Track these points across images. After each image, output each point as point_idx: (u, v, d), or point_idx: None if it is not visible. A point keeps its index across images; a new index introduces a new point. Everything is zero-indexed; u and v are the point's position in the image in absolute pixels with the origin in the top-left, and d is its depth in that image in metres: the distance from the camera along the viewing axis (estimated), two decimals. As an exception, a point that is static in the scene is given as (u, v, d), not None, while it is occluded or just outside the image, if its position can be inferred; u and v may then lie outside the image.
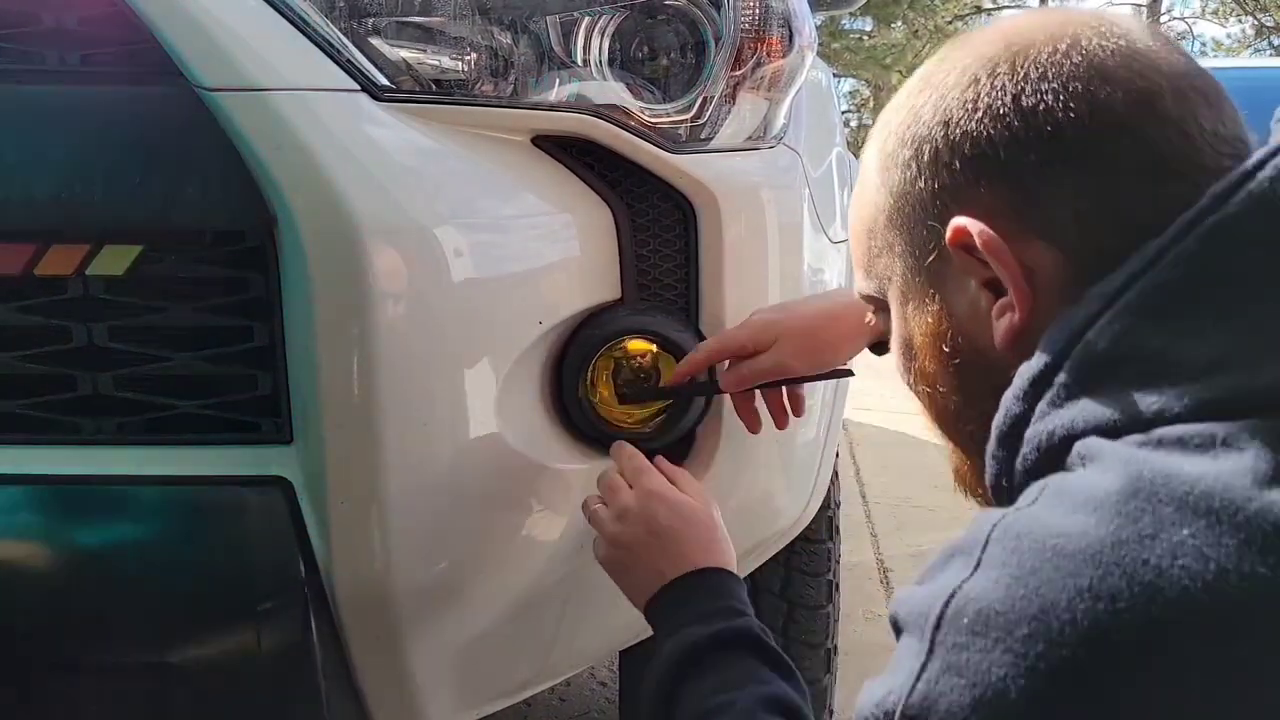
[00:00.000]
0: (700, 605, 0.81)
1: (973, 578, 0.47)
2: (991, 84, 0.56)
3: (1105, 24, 0.56)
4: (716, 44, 0.95)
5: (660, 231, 0.97)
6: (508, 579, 0.95)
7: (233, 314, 0.87)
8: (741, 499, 1.06)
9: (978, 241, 0.55)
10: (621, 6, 0.93)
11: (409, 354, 0.84)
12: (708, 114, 0.96)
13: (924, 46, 19.27)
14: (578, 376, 0.95)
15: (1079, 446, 0.50)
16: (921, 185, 0.59)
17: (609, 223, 0.94)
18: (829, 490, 1.33)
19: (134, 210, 0.83)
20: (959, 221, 0.56)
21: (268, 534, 0.86)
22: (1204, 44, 20.39)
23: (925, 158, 0.59)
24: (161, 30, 0.80)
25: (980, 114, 0.56)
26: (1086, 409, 0.50)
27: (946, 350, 0.61)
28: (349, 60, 0.84)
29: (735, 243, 0.98)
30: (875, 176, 0.64)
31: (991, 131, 0.56)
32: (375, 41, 0.87)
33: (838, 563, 1.46)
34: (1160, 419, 0.48)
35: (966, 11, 20.07)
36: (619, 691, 1.48)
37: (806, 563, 1.40)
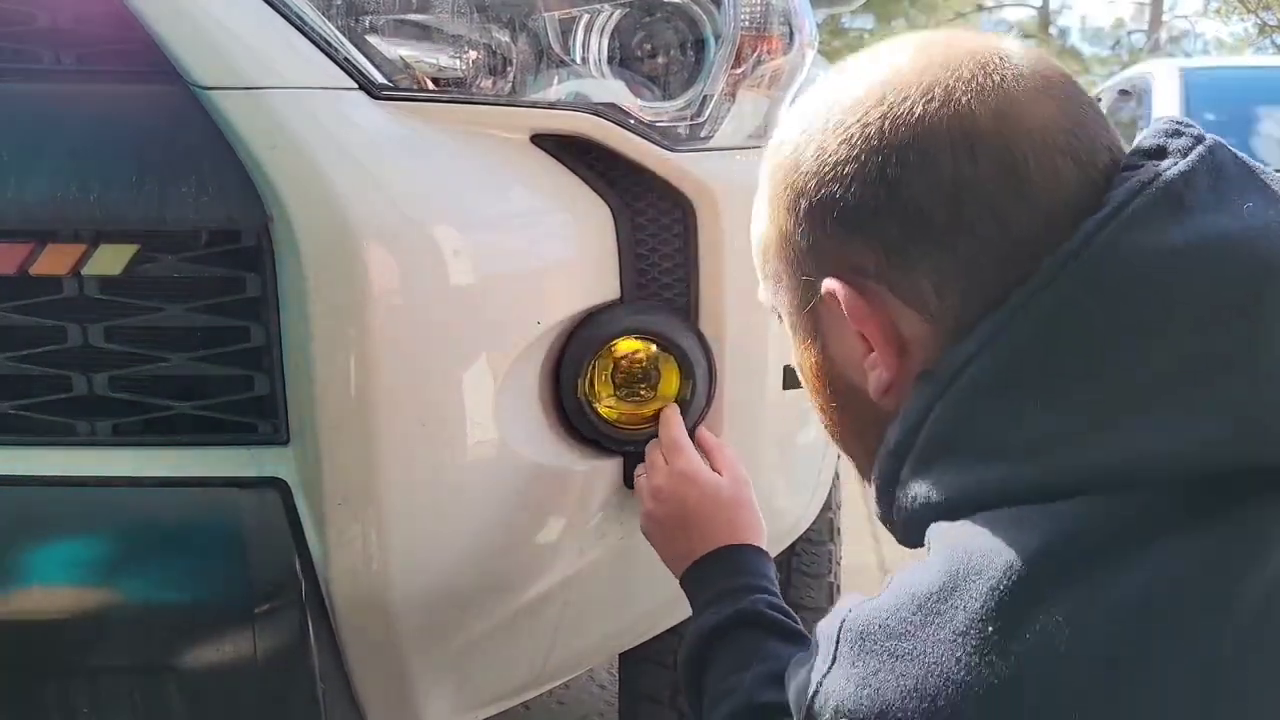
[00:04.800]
0: (719, 584, 0.86)
1: (829, 674, 0.52)
2: (864, 146, 0.56)
3: (983, 73, 0.56)
4: (716, 41, 0.95)
5: (659, 230, 0.96)
6: (506, 580, 0.95)
7: (229, 314, 0.86)
8: (742, 500, 1.05)
9: (843, 309, 0.58)
10: (620, 4, 0.92)
11: (406, 354, 0.83)
12: (708, 112, 0.96)
13: (925, 45, 19.28)
14: (576, 376, 0.95)
15: (928, 533, 0.54)
16: (799, 237, 0.60)
17: (608, 222, 0.94)
18: (830, 492, 1.33)
19: (130, 209, 0.82)
20: (829, 283, 0.58)
21: (264, 536, 0.85)
22: (1206, 42, 20.39)
23: (802, 210, 0.60)
24: (157, 29, 0.80)
25: (849, 179, 0.57)
26: (935, 483, 0.54)
27: (830, 390, 0.64)
28: (346, 58, 0.84)
29: (735, 241, 0.97)
30: (764, 205, 0.65)
31: (858, 198, 0.56)
32: (373, 39, 0.86)
33: (839, 564, 1.46)
34: (998, 496, 0.51)
35: (968, 9, 20.09)
36: (619, 694, 1.47)
37: (808, 564, 1.40)
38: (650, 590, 1.05)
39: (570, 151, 0.93)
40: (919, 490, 0.55)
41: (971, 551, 0.49)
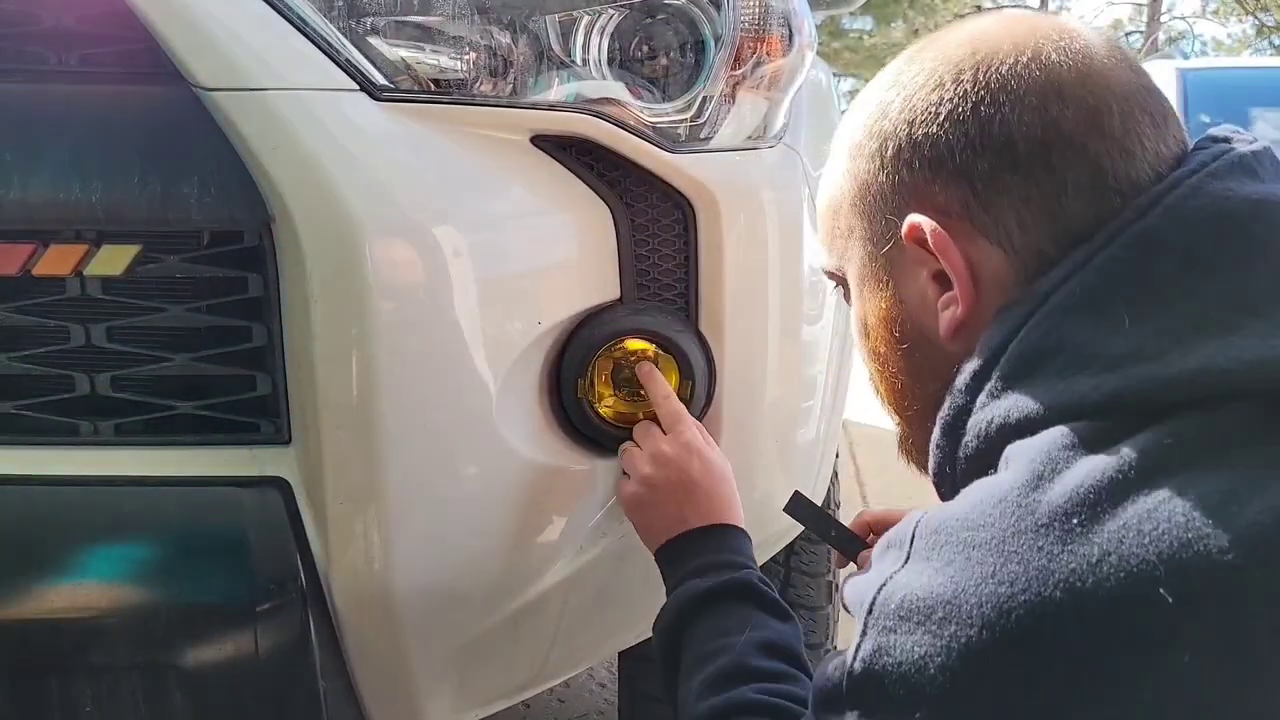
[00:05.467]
0: (709, 556, 0.87)
1: (902, 570, 0.53)
2: (955, 90, 0.60)
3: (1067, 38, 0.60)
4: (716, 43, 0.95)
5: (659, 231, 0.97)
6: (506, 580, 0.95)
7: (231, 314, 0.87)
8: (742, 499, 1.05)
9: (929, 239, 0.60)
10: (620, 5, 0.93)
11: (407, 354, 0.84)
12: (707, 113, 0.96)
13: (924, 46, 19.26)
14: (576, 377, 0.95)
15: (1006, 451, 0.54)
16: (883, 179, 0.63)
17: (608, 222, 0.94)
18: (829, 490, 1.33)
19: (132, 210, 0.82)
20: (914, 218, 0.61)
21: (266, 535, 0.85)
22: (1204, 43, 20.39)
23: (889, 153, 0.63)
24: (160, 30, 0.80)
25: (941, 119, 0.60)
26: (1018, 400, 0.55)
27: (896, 334, 0.65)
28: (347, 60, 0.84)
29: (735, 243, 0.98)
30: (843, 162, 0.67)
31: (950, 136, 0.59)
32: (374, 41, 0.87)
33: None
34: (1079, 407, 0.52)
35: (966, 11, 20.08)
36: (618, 693, 1.48)
37: (806, 563, 1.40)
38: (650, 589, 1.05)
39: (570, 152, 0.93)
40: (997, 411, 0.56)
41: (1055, 454, 0.50)
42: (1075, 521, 0.48)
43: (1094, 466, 0.49)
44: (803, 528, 1.07)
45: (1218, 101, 4.47)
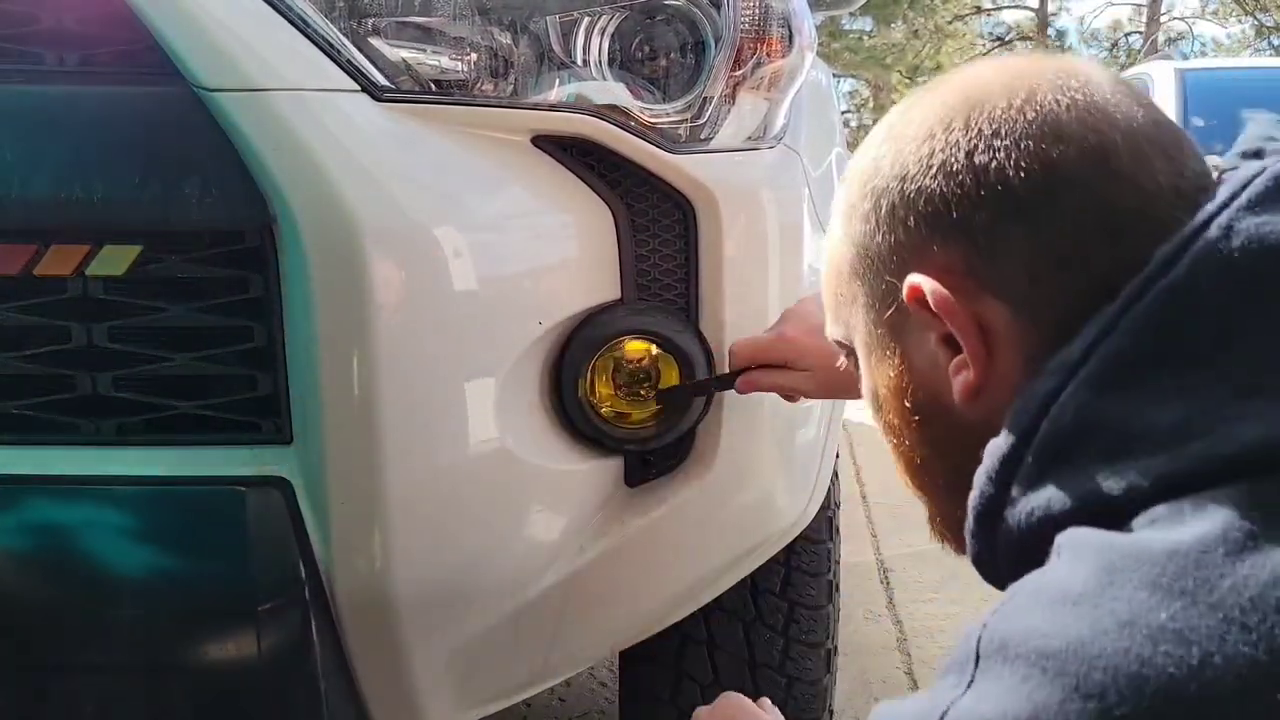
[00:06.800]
0: None
1: (965, 695, 0.46)
2: (946, 139, 0.56)
3: (1064, 75, 0.56)
4: (716, 44, 0.95)
5: (660, 232, 0.97)
6: (507, 579, 0.95)
7: (232, 314, 0.87)
8: (741, 499, 1.06)
9: (930, 300, 0.55)
10: (621, 6, 0.93)
11: (409, 354, 0.84)
12: (707, 114, 0.96)
13: (924, 46, 19.29)
14: (577, 376, 0.95)
15: (1058, 539, 0.49)
16: (880, 239, 0.59)
17: (608, 223, 0.94)
18: (829, 490, 1.33)
19: (133, 210, 0.83)
20: (914, 279, 0.56)
21: (267, 535, 0.86)
22: (1204, 44, 20.40)
23: (883, 211, 0.58)
24: (161, 30, 0.80)
25: (934, 170, 0.56)
26: (1059, 492, 0.49)
27: (909, 405, 0.60)
28: (348, 60, 0.84)
29: (735, 243, 0.98)
30: (840, 226, 0.63)
31: (945, 189, 0.55)
32: (375, 41, 0.87)
33: (838, 563, 1.46)
34: (1131, 497, 0.47)
35: (966, 11, 20.09)
36: (619, 692, 1.48)
37: (807, 563, 1.40)
38: (650, 589, 1.06)
39: (571, 153, 0.93)
40: (1038, 502, 0.50)
41: (1121, 544, 0.45)
42: (1164, 616, 0.41)
43: (1171, 550, 0.43)
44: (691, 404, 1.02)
45: (1217, 102, 4.47)
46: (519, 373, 0.91)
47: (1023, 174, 0.53)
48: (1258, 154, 0.54)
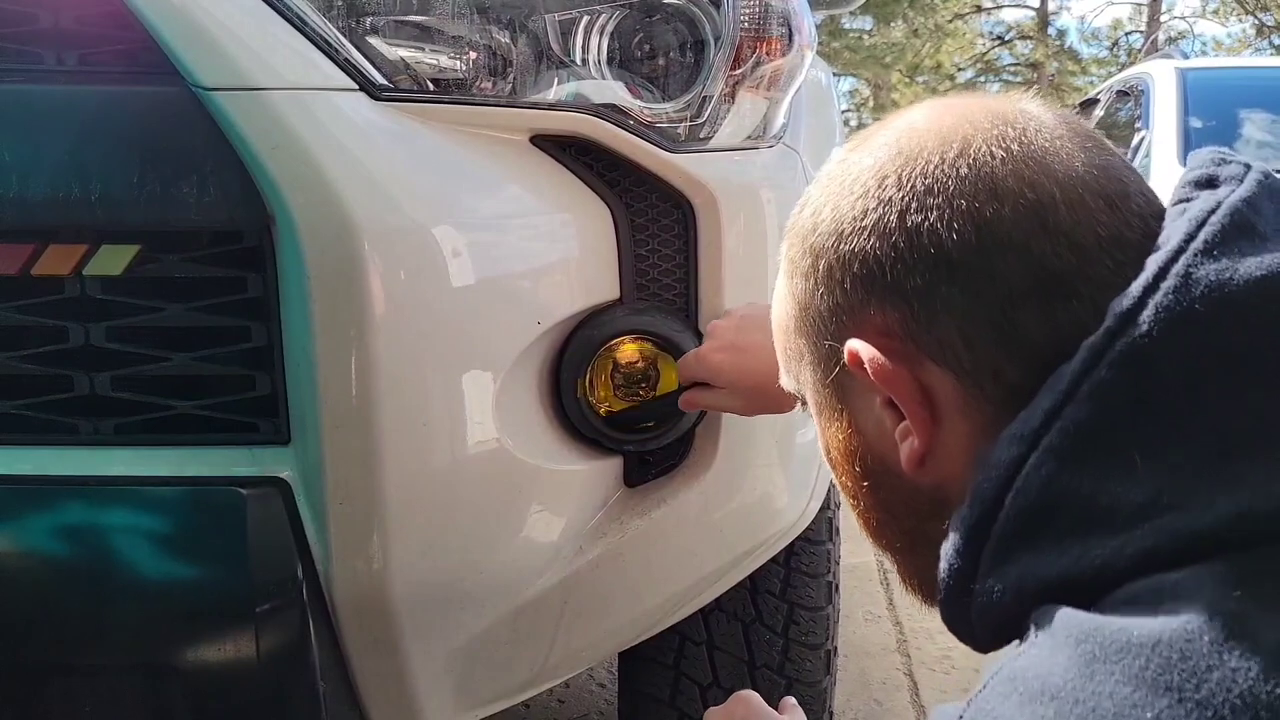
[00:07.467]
0: None
1: None
2: (880, 196, 0.53)
3: (1001, 124, 0.53)
4: (715, 43, 0.95)
5: (659, 231, 0.97)
6: (506, 580, 0.95)
7: (230, 314, 0.87)
8: (741, 500, 1.05)
9: (868, 368, 0.53)
10: (620, 5, 0.93)
11: (407, 354, 0.84)
12: (707, 113, 0.96)
13: (924, 45, 19.28)
14: (576, 376, 0.95)
15: (1033, 615, 0.47)
16: (819, 300, 0.57)
17: (607, 222, 0.94)
18: (829, 491, 1.33)
19: (131, 210, 0.82)
20: (852, 344, 0.54)
21: (265, 535, 0.85)
22: (1204, 43, 20.39)
23: (821, 271, 0.56)
24: (159, 29, 0.80)
25: (868, 230, 0.53)
26: (1028, 568, 0.47)
27: (859, 470, 0.59)
28: (347, 59, 0.84)
29: (734, 242, 0.98)
30: (784, 281, 0.61)
31: (879, 250, 0.53)
32: (373, 40, 0.87)
33: (838, 564, 1.46)
34: (1105, 575, 0.44)
35: (966, 10, 20.08)
36: (618, 692, 1.47)
37: (807, 564, 1.39)
38: (650, 589, 1.05)
39: (570, 152, 0.93)
40: (1007, 581, 0.48)
41: (1101, 631, 0.42)
42: (1150, 716, 0.39)
43: (1154, 639, 0.40)
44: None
45: (1217, 102, 4.47)
46: (518, 373, 0.91)
47: (955, 235, 0.51)
48: (1210, 182, 0.51)
